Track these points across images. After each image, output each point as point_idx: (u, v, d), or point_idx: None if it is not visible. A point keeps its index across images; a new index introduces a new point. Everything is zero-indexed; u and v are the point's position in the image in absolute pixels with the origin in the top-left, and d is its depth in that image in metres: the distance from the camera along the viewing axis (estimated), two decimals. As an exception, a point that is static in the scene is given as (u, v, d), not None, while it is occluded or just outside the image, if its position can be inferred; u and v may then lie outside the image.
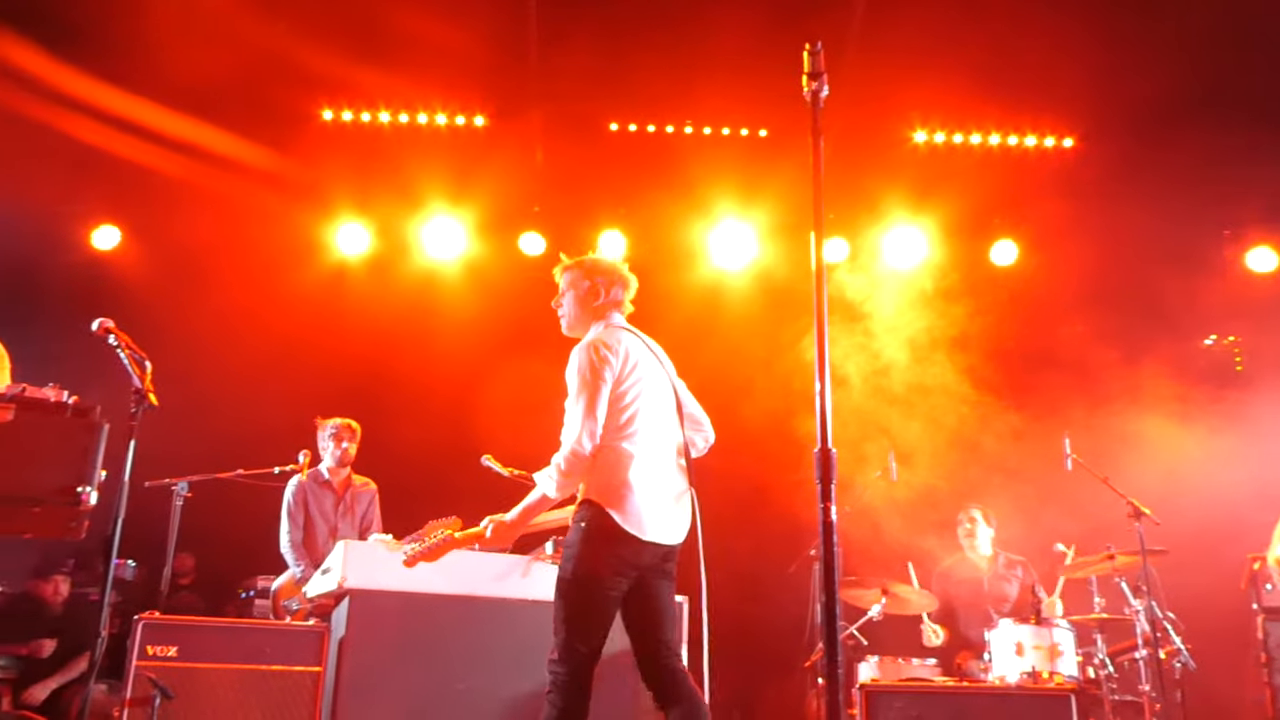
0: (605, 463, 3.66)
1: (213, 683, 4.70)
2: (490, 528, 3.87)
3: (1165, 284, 7.44)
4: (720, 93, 7.36)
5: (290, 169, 7.44)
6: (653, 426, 3.79)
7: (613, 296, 4.02)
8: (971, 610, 6.34)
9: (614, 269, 4.09)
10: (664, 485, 3.77)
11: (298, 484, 6.07)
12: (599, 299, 4.00)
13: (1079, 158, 7.80)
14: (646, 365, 3.87)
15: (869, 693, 4.62)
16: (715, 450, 7.18)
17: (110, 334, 3.58)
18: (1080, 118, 7.66)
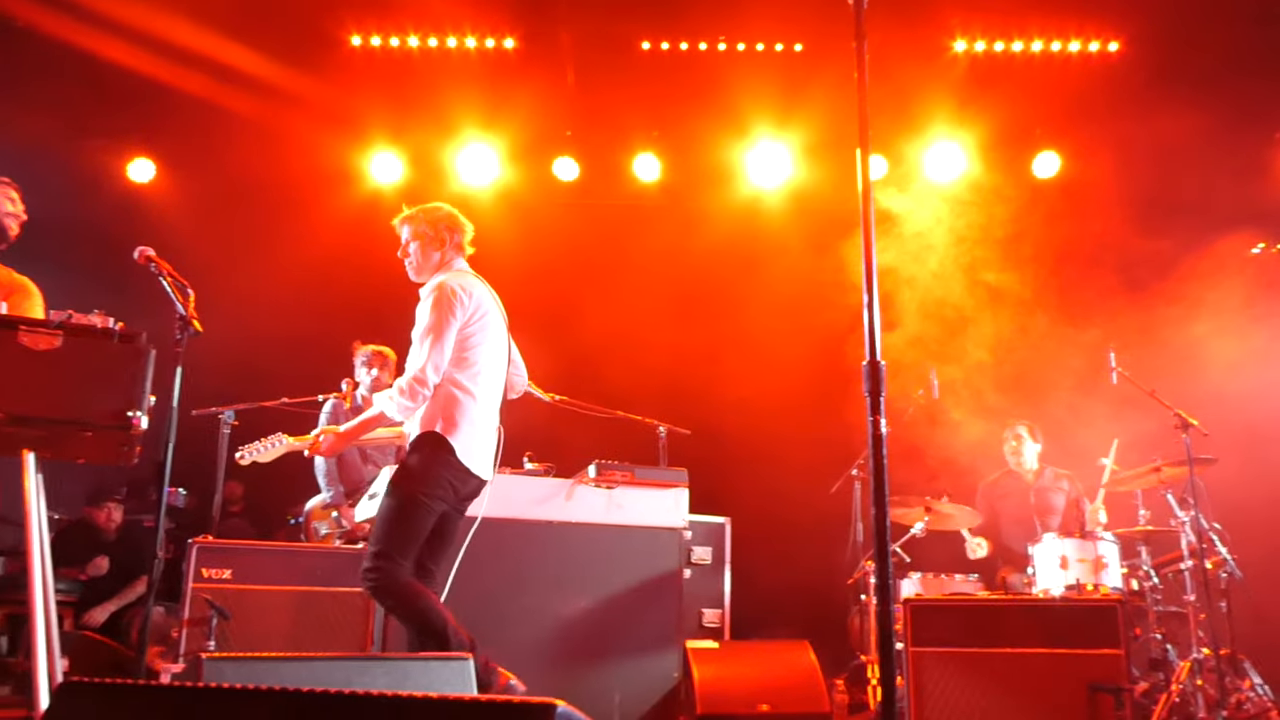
0: (448, 397, 3.95)
1: (266, 603, 4.83)
2: (323, 436, 4.22)
3: (1213, 190, 7.25)
4: (754, 6, 7.16)
5: (322, 96, 7.38)
6: (491, 369, 4.10)
7: (455, 242, 4.29)
8: (1017, 525, 6.34)
9: (453, 216, 4.34)
10: (490, 424, 4.10)
11: (332, 408, 6.13)
12: (443, 245, 4.26)
13: (1124, 62, 7.53)
14: (491, 311, 4.15)
15: (913, 608, 4.64)
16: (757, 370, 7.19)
17: (151, 262, 3.58)
18: (1125, 21, 7.38)
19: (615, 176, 8.10)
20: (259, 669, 2.84)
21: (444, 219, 4.30)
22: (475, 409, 4.00)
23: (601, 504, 5.35)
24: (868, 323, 2.54)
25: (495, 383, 4.15)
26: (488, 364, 4.09)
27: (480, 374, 4.04)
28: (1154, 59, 7.41)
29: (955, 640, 4.52)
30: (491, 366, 4.11)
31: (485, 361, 4.08)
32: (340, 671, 2.96)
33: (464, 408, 3.96)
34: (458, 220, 4.33)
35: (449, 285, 4.03)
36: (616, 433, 6.03)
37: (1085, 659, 4.39)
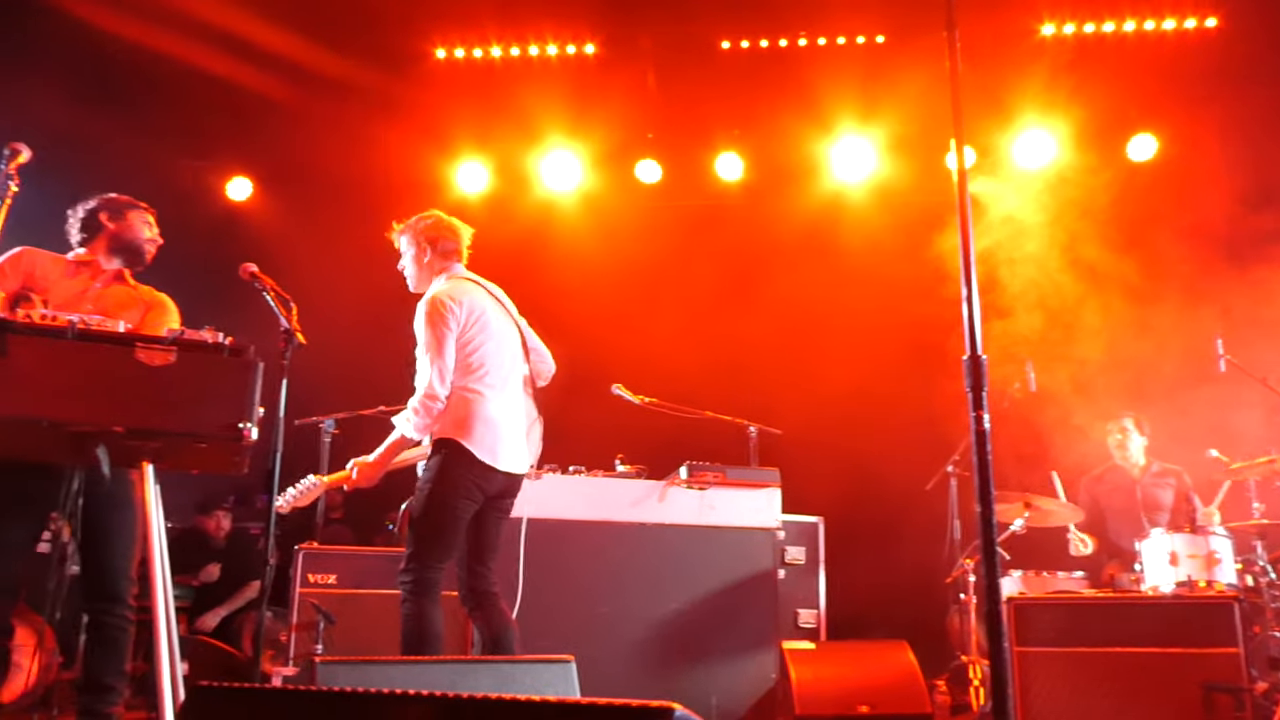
0: (458, 402, 4.01)
1: (369, 607, 4.95)
2: (355, 469, 4.20)
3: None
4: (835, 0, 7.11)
5: (409, 109, 7.55)
6: (499, 366, 4.12)
7: (443, 249, 4.33)
8: (1123, 520, 6.15)
9: (438, 225, 4.37)
10: (512, 419, 4.13)
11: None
12: (429, 255, 4.31)
13: (1222, 38, 7.26)
14: (489, 310, 4.20)
15: (1016, 606, 4.53)
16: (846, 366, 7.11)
17: (255, 277, 3.71)
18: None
19: (697, 177, 8.10)
20: (370, 672, 2.92)
21: (428, 229, 4.35)
22: (488, 406, 4.03)
23: (694, 505, 5.35)
24: (967, 316, 2.50)
25: (507, 377, 4.17)
26: (494, 362, 4.12)
27: (488, 373, 4.08)
28: (1254, 33, 7.12)
29: (1062, 640, 4.41)
30: (499, 362, 4.14)
31: (491, 360, 4.11)
32: (447, 674, 3.02)
33: (474, 408, 4.00)
34: (443, 227, 4.37)
35: (437, 298, 4.10)
36: (707, 434, 6.02)
37: (1200, 658, 4.25)
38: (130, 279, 3.91)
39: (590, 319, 7.71)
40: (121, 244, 3.87)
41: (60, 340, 2.86)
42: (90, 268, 3.79)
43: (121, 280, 3.87)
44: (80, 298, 3.64)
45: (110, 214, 3.88)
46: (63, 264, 3.76)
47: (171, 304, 3.93)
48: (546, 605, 5.01)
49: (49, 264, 3.72)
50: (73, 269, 3.75)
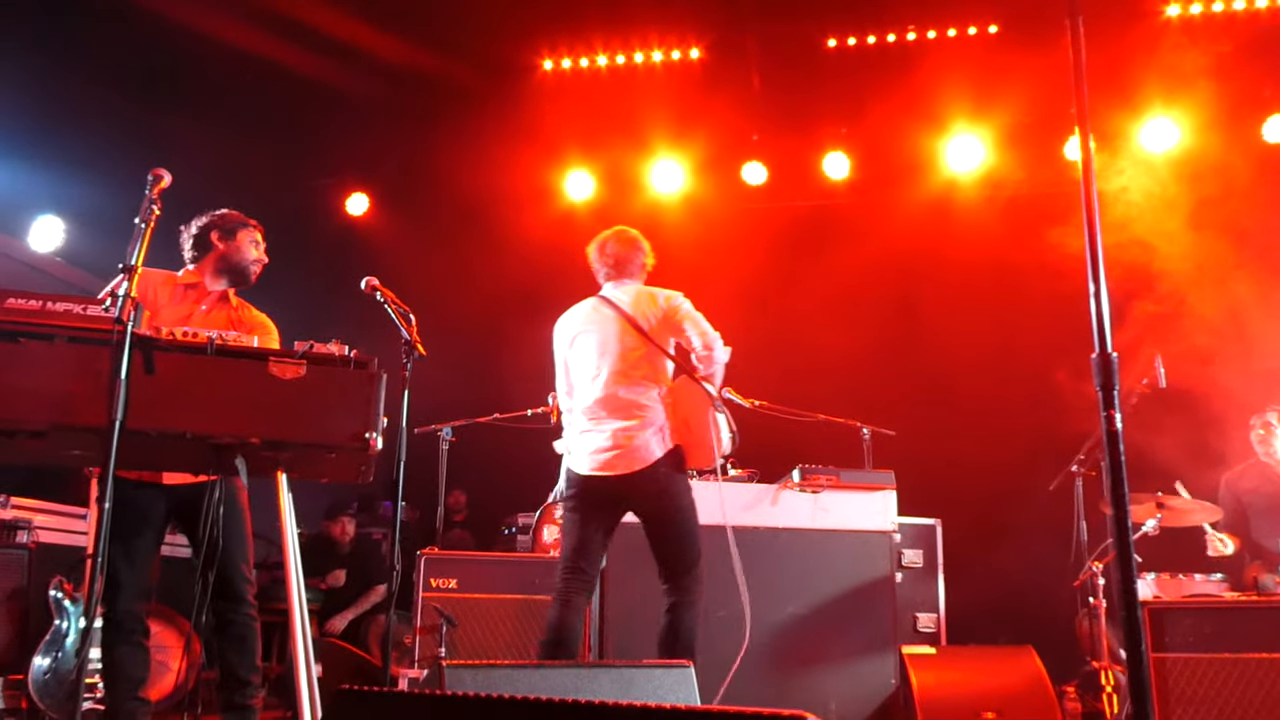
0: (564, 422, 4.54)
1: (489, 611, 5.04)
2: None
3: None
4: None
5: (518, 119, 7.68)
6: (582, 381, 4.41)
7: (594, 270, 4.68)
8: (1267, 519, 5.85)
9: (591, 247, 4.69)
10: (589, 429, 4.32)
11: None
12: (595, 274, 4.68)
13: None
14: (580, 331, 4.48)
15: (1153, 611, 4.35)
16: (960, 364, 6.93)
17: (376, 290, 3.82)
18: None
19: (804, 177, 8.04)
20: (495, 676, 2.97)
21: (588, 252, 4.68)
22: (572, 419, 4.44)
23: (807, 508, 5.30)
24: (1095, 313, 2.41)
25: (586, 389, 4.39)
26: (579, 378, 4.44)
27: (575, 388, 4.45)
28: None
29: (1202, 645, 4.22)
30: (583, 378, 4.42)
31: (577, 377, 4.45)
32: (570, 679, 3.05)
33: (568, 423, 4.49)
34: (591, 248, 4.68)
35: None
36: (819, 436, 5.96)
37: (1355, 666, 4.00)
38: (234, 298, 4.02)
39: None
40: (229, 265, 3.98)
41: (200, 356, 2.99)
42: (197, 290, 3.93)
43: (225, 302, 3.99)
44: (186, 322, 3.76)
45: (221, 233, 3.99)
46: (171, 285, 3.90)
47: (272, 325, 4.05)
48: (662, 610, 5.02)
49: (160, 285, 3.87)
50: (180, 292, 3.90)
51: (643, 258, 4.66)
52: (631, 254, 4.59)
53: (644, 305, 4.44)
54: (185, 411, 2.97)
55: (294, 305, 5.21)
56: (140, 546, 3.66)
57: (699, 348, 4.30)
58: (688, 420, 4.31)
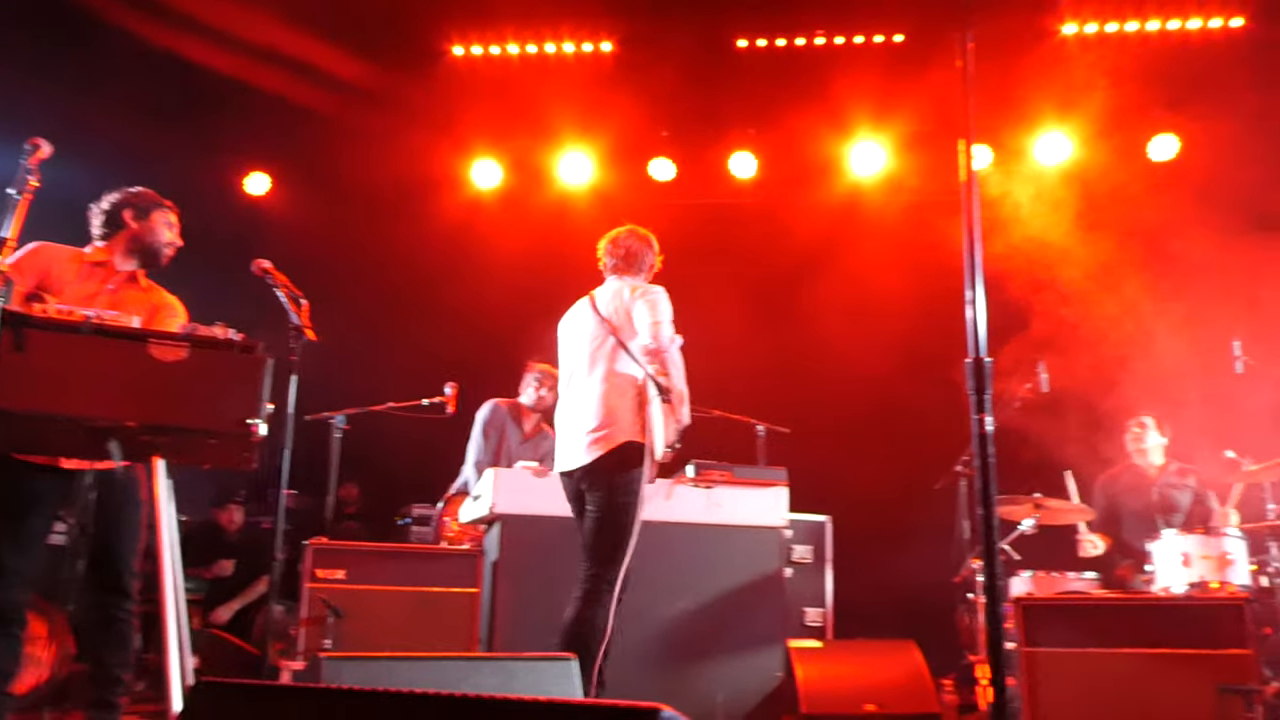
0: None
1: (378, 603, 4.97)
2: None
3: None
4: (850, 0, 7.13)
5: (425, 105, 7.58)
6: (567, 377, 4.44)
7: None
8: (1138, 520, 6.12)
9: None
10: (564, 423, 4.37)
11: (494, 407, 6.32)
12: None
13: (1249, 39, 7.20)
14: (567, 325, 4.55)
15: (1025, 607, 4.52)
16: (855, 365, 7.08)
17: (267, 273, 3.74)
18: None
19: (711, 175, 8.10)
20: (374, 668, 2.94)
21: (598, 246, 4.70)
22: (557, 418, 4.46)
23: (700, 504, 5.35)
24: (972, 319, 2.49)
25: (571, 385, 4.41)
26: (564, 375, 4.49)
27: (563, 386, 4.49)
28: (1279, 34, 7.08)
29: (1071, 640, 4.39)
30: (567, 374, 4.46)
31: (563, 373, 4.50)
32: (451, 671, 3.04)
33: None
34: (602, 242, 4.69)
35: None
36: (715, 432, 6.02)
37: (1211, 659, 4.21)
38: (143, 280, 3.90)
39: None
40: (140, 246, 3.86)
41: (76, 335, 2.89)
42: (104, 269, 3.79)
43: (134, 282, 3.86)
44: (91, 300, 3.63)
45: (135, 212, 3.86)
46: (78, 262, 3.76)
47: (180, 306, 3.94)
48: (553, 603, 5.02)
49: (65, 262, 3.72)
50: (87, 270, 3.75)
51: (651, 257, 4.65)
52: (640, 250, 4.59)
53: (616, 299, 4.40)
54: (57, 392, 2.86)
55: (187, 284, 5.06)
56: (30, 532, 3.51)
57: (645, 340, 4.19)
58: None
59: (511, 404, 6.43)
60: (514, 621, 4.98)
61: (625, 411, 4.16)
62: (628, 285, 4.42)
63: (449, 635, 5.01)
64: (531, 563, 5.06)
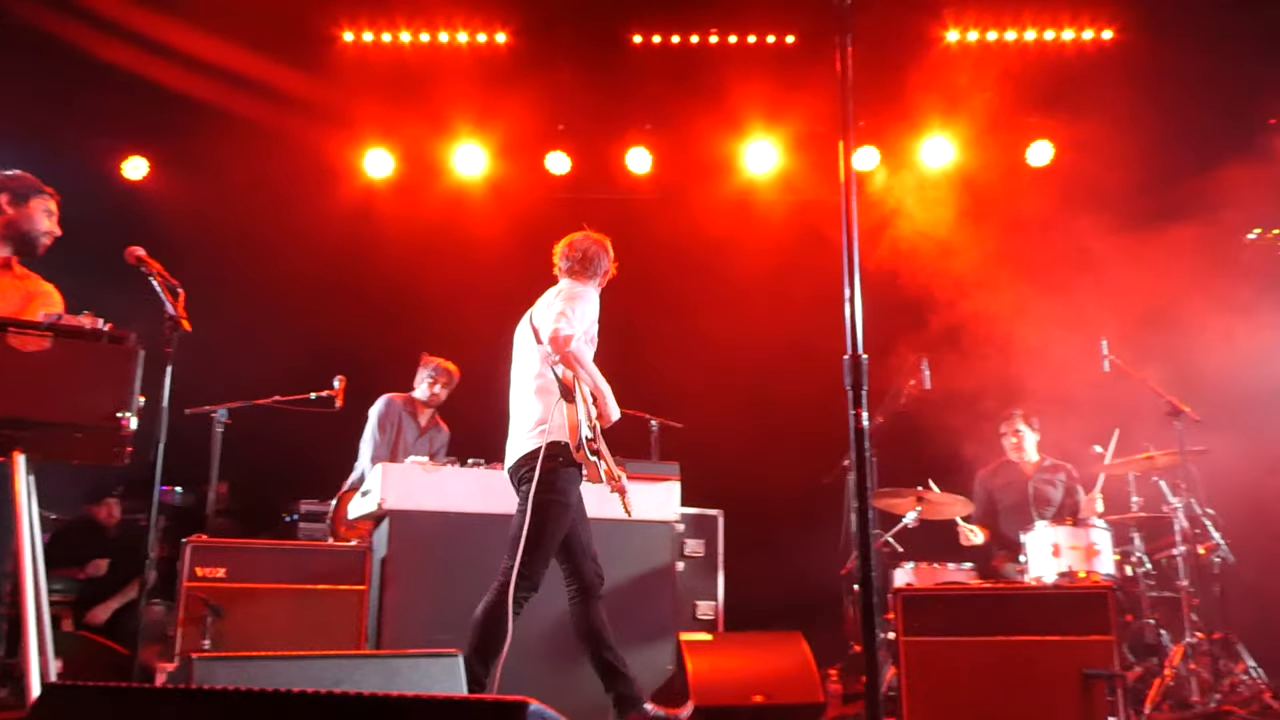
0: None
1: (262, 602, 4.84)
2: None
3: (1208, 177, 7.24)
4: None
5: (315, 93, 7.39)
6: (510, 381, 4.55)
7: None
8: (1014, 514, 6.35)
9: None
10: (510, 424, 4.49)
11: (389, 402, 6.21)
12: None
13: (1119, 50, 7.54)
14: (518, 330, 4.60)
15: (904, 597, 4.65)
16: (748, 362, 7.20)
17: (141, 261, 3.61)
18: (1120, 8, 7.40)
19: (608, 170, 8.11)
20: (251, 668, 2.87)
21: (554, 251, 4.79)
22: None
23: (593, 498, 5.35)
24: (850, 316, 2.56)
25: (511, 388, 4.54)
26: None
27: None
28: (1148, 46, 7.41)
29: (947, 629, 4.54)
30: (511, 376, 4.56)
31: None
32: (332, 669, 2.98)
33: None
34: (557, 246, 4.77)
35: None
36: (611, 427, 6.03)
37: (1077, 646, 4.40)
38: (17, 267, 3.75)
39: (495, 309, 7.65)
40: (16, 233, 3.72)
41: (-72, 325, 2.75)
42: None
43: (8, 269, 3.71)
44: None
45: (12, 197, 3.71)
46: None
47: (57, 295, 3.78)
48: (445, 598, 4.97)
49: None
50: None
51: (605, 262, 4.66)
52: (595, 255, 4.61)
53: (543, 302, 4.50)
54: (-93, 384, 2.72)
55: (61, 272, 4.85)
56: None
57: (544, 337, 4.22)
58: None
59: (406, 398, 6.35)
60: (403, 619, 4.91)
61: (549, 411, 4.24)
62: (556, 288, 4.52)
63: (335, 634, 4.92)
64: (421, 559, 5.00)
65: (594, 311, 4.41)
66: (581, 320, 4.24)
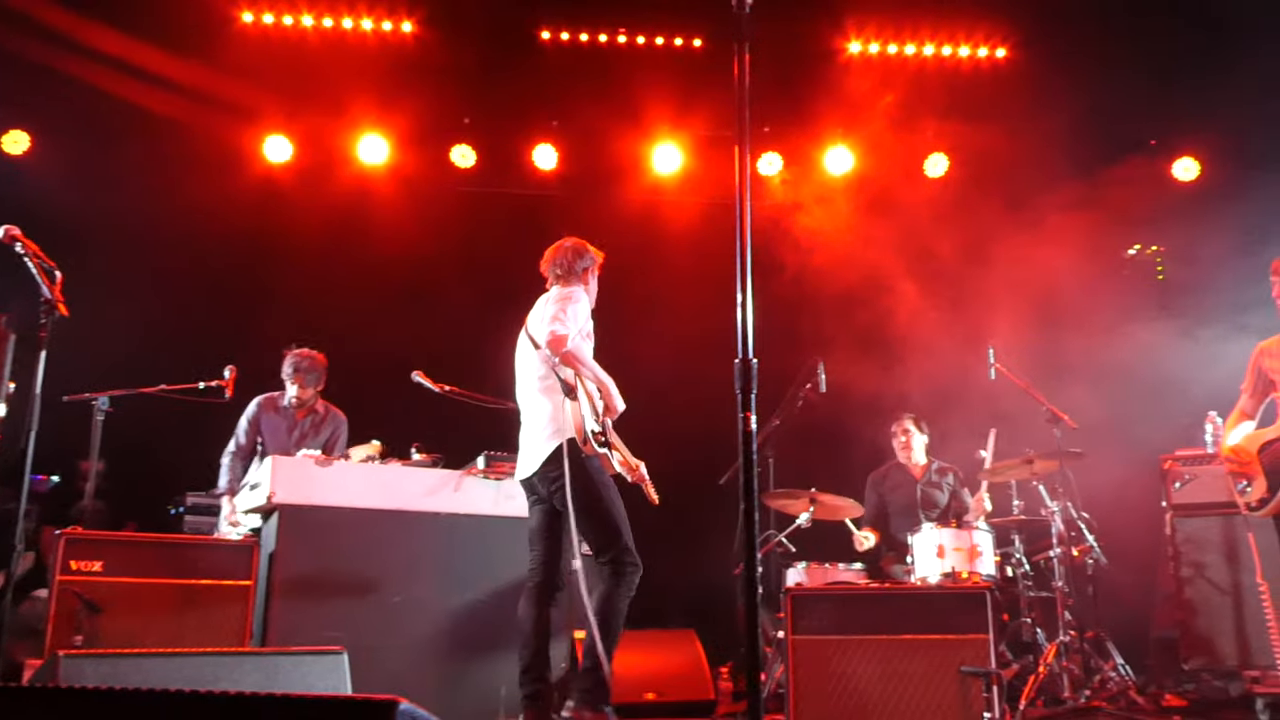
0: None
1: (142, 597, 4.68)
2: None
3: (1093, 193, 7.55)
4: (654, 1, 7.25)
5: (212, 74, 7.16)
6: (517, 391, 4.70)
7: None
8: (903, 516, 6.52)
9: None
10: (521, 435, 4.65)
11: (255, 403, 6.04)
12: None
13: (1012, 68, 7.81)
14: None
15: (794, 596, 4.74)
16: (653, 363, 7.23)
17: (16, 241, 3.45)
18: (1013, 28, 7.66)
19: (514, 166, 8.06)
20: (123, 666, 2.78)
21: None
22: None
23: (490, 496, 5.34)
24: (740, 320, 2.60)
25: (518, 398, 4.71)
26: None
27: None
28: (1039, 65, 7.69)
29: (834, 628, 4.63)
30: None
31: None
32: (210, 667, 2.91)
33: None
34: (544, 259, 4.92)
35: None
36: (510, 424, 6.00)
37: (956, 644, 4.54)
38: None
39: (396, 301, 7.56)
40: None
41: None
42: None
43: None
44: None
45: None
46: None
47: None
48: (338, 595, 4.89)
49: None
50: None
51: (584, 261, 4.78)
52: (571, 261, 4.74)
53: (536, 310, 4.63)
54: None
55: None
56: None
57: (542, 339, 4.38)
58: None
59: (269, 398, 6.10)
60: (291, 615, 4.81)
61: (557, 412, 4.42)
62: (550, 293, 4.63)
63: (219, 631, 4.79)
64: (312, 555, 4.92)
65: (586, 310, 4.57)
66: (575, 319, 4.40)
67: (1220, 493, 5.23)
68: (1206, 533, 5.74)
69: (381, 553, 5.04)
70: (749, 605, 2.40)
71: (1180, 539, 5.79)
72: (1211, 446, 4.93)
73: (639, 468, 4.86)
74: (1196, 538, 5.75)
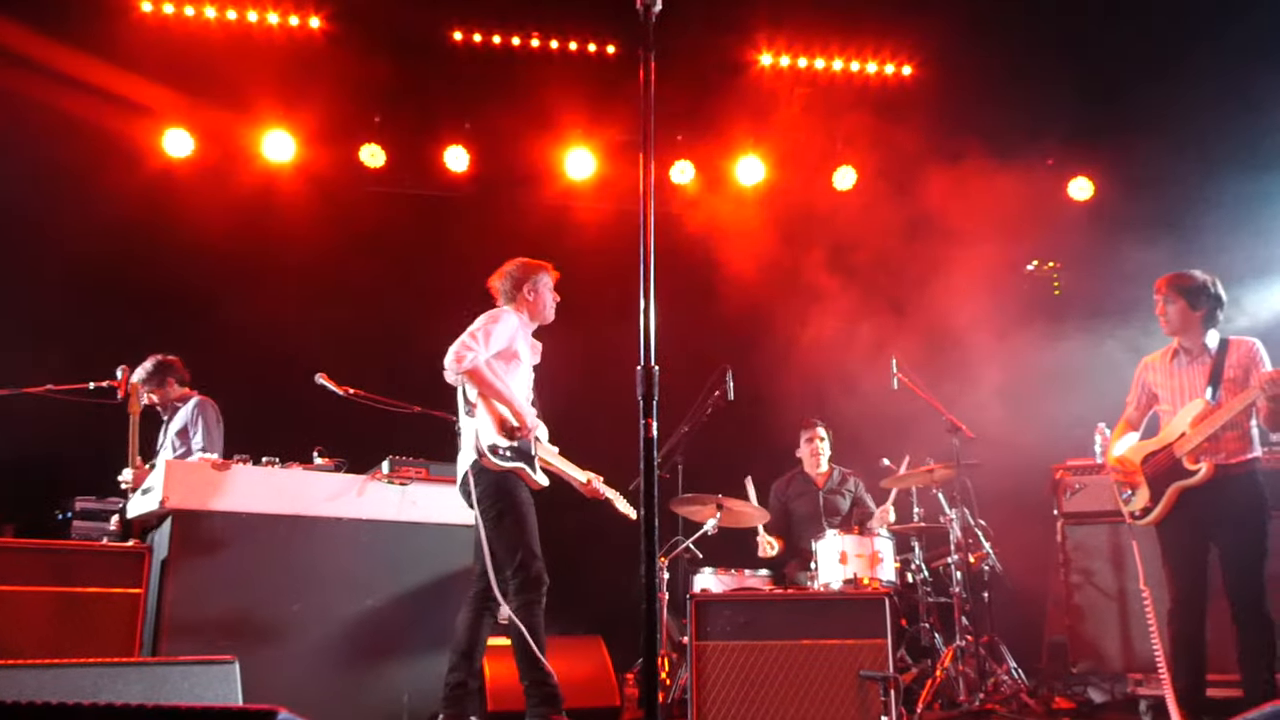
0: None
1: (20, 606, 4.48)
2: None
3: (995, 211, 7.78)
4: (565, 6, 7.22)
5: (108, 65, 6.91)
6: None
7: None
8: (807, 523, 6.61)
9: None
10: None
11: (197, 407, 5.89)
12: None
13: (917, 85, 8.00)
14: None
15: (698, 602, 4.77)
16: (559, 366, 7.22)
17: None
18: (919, 46, 7.85)
19: (425, 166, 7.97)
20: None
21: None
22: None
23: (395, 501, 5.27)
24: (643, 328, 2.61)
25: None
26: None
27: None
28: (944, 83, 7.90)
29: (737, 633, 4.68)
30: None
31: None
32: (91, 678, 2.79)
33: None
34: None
35: None
36: (414, 429, 5.92)
37: (856, 649, 4.62)
38: None
39: (300, 300, 7.39)
40: None
41: None
42: None
43: None
44: None
45: None
46: None
47: None
48: (235, 603, 4.76)
49: None
50: None
51: (528, 283, 4.93)
52: (517, 280, 4.92)
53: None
54: None
55: None
56: None
57: (446, 361, 4.54)
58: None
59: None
60: (184, 624, 4.67)
61: (470, 431, 4.56)
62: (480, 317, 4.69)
63: (106, 641, 4.60)
64: (206, 561, 4.78)
65: (508, 331, 4.66)
66: (492, 340, 4.54)
67: (1108, 501, 5.40)
68: (1095, 540, 5.92)
69: (281, 559, 4.93)
70: (649, 610, 2.41)
71: (1070, 546, 5.98)
72: (1100, 457, 5.10)
73: (590, 481, 5.15)
74: (1085, 545, 5.93)
